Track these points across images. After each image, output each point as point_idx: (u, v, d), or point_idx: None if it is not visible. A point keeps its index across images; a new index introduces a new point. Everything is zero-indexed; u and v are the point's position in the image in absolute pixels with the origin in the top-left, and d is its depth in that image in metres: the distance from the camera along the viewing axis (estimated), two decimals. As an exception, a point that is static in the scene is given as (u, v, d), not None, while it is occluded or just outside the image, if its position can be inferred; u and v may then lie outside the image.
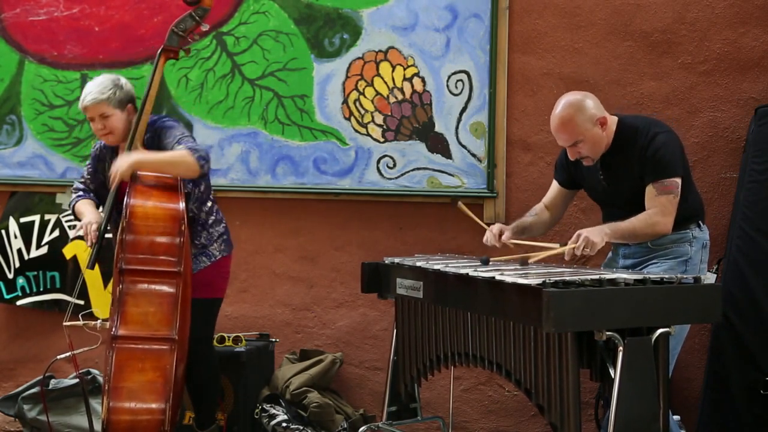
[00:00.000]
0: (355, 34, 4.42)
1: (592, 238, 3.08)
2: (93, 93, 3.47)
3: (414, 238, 4.41)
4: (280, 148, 4.48)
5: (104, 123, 3.49)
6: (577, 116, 3.23)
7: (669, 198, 3.17)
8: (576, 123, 3.23)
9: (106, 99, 3.47)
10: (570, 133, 3.25)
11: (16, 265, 4.69)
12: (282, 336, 4.51)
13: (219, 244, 3.63)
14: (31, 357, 4.68)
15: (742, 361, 3.77)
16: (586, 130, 3.23)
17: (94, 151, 3.71)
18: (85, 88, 3.53)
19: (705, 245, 3.32)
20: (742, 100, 4.14)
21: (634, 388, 2.52)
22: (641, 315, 2.57)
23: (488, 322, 2.87)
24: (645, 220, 3.17)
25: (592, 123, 3.24)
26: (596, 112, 3.26)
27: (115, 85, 3.52)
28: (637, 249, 3.33)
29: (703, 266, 3.31)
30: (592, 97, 3.30)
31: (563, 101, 3.28)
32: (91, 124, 3.54)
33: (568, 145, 3.29)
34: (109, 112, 3.48)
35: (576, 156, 3.31)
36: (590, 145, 3.26)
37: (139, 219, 3.31)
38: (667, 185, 3.17)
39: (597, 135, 3.25)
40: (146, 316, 3.24)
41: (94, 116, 3.49)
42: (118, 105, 3.50)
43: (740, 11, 4.13)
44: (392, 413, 3.58)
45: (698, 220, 3.32)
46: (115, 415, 3.14)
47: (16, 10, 4.69)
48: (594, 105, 3.27)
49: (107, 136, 3.53)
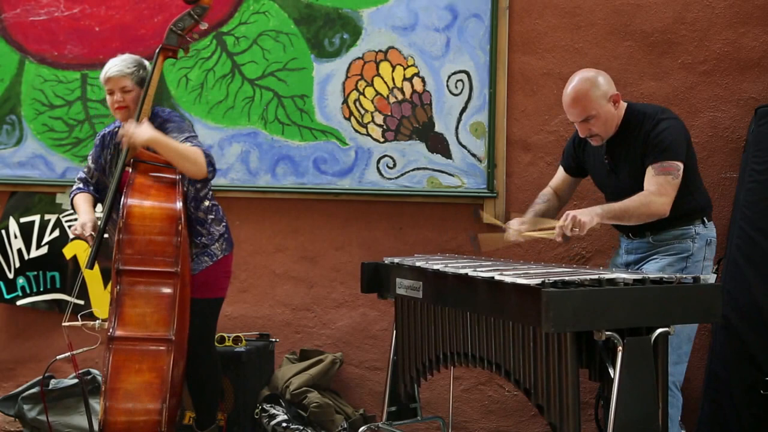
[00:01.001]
0: (355, 34, 4.42)
1: (581, 218, 3.05)
2: (119, 65, 3.53)
3: (414, 238, 4.41)
4: (280, 148, 4.48)
5: (123, 96, 3.52)
6: (592, 91, 3.23)
7: (667, 179, 3.13)
8: (590, 97, 3.22)
9: (131, 74, 3.52)
10: (583, 107, 3.24)
11: (16, 265, 4.69)
12: (282, 336, 4.51)
13: (220, 244, 3.63)
14: (31, 357, 4.68)
15: (742, 361, 3.77)
16: (600, 105, 3.23)
17: (99, 138, 3.73)
18: (109, 62, 3.57)
19: (709, 242, 3.29)
20: (742, 100, 4.13)
21: (634, 388, 2.52)
22: (640, 315, 2.57)
23: (488, 322, 2.87)
24: (639, 200, 3.13)
25: (605, 99, 3.24)
26: (610, 89, 3.27)
27: (139, 64, 3.58)
28: (639, 244, 3.32)
29: (707, 264, 3.28)
30: (605, 75, 3.31)
31: (578, 76, 3.28)
32: (108, 98, 3.56)
33: (580, 119, 3.27)
34: (129, 86, 3.52)
35: (586, 133, 3.30)
36: (602, 122, 3.26)
37: (136, 219, 3.31)
38: (666, 166, 3.14)
39: (609, 112, 3.26)
40: (143, 316, 3.24)
41: (114, 89, 3.52)
42: (139, 82, 3.54)
43: (740, 11, 4.13)
44: (392, 413, 3.58)
45: (703, 217, 3.29)
46: (112, 415, 3.15)
47: (17, 10, 4.69)
48: (607, 82, 3.28)
49: (122, 110, 3.54)
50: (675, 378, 3.21)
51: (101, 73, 3.56)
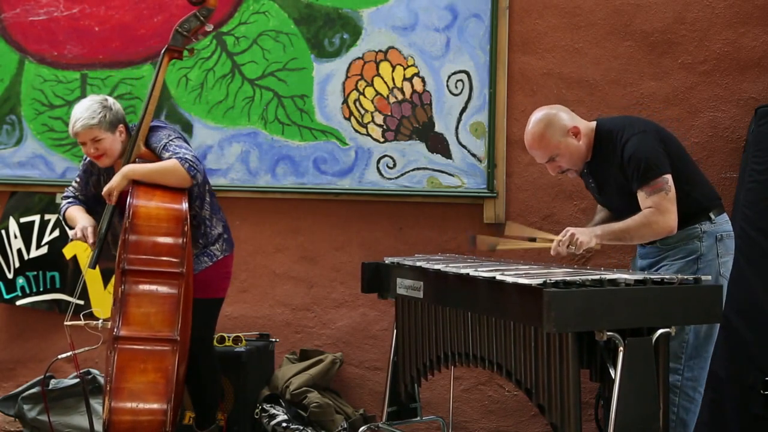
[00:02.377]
0: (355, 34, 4.42)
1: (579, 237, 3.05)
2: (83, 118, 3.41)
3: (414, 238, 4.41)
4: (280, 148, 4.48)
5: (96, 146, 3.45)
6: (548, 131, 3.18)
7: (661, 195, 3.08)
8: (548, 138, 3.18)
9: (97, 123, 3.42)
10: (544, 148, 3.20)
11: (16, 265, 4.68)
12: (282, 336, 4.51)
13: (220, 244, 3.63)
14: (31, 357, 4.68)
15: (742, 361, 3.77)
16: (559, 143, 3.18)
17: (84, 164, 3.69)
18: (73, 113, 3.46)
19: (720, 238, 3.18)
20: (742, 100, 4.14)
21: (635, 388, 2.52)
22: (642, 315, 2.57)
23: (488, 322, 2.87)
24: (640, 221, 3.10)
25: (564, 135, 3.18)
26: (567, 123, 3.19)
27: (104, 107, 3.46)
28: (651, 249, 3.28)
29: (723, 260, 3.17)
30: (562, 109, 3.25)
31: (532, 118, 3.23)
32: (83, 149, 3.50)
33: (544, 161, 3.24)
34: (101, 135, 3.43)
35: (556, 171, 3.27)
36: (567, 158, 3.22)
37: (142, 219, 3.31)
38: (653, 185, 3.08)
39: (572, 146, 3.20)
40: (148, 316, 3.24)
41: (86, 141, 3.45)
42: (109, 128, 3.45)
43: (740, 11, 4.14)
44: (392, 413, 3.58)
45: (708, 213, 3.20)
46: (117, 415, 3.14)
47: (17, 10, 4.69)
48: (565, 116, 3.21)
49: (101, 159, 3.49)
50: (696, 383, 3.15)
51: (69, 126, 3.46)
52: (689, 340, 3.12)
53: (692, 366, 3.13)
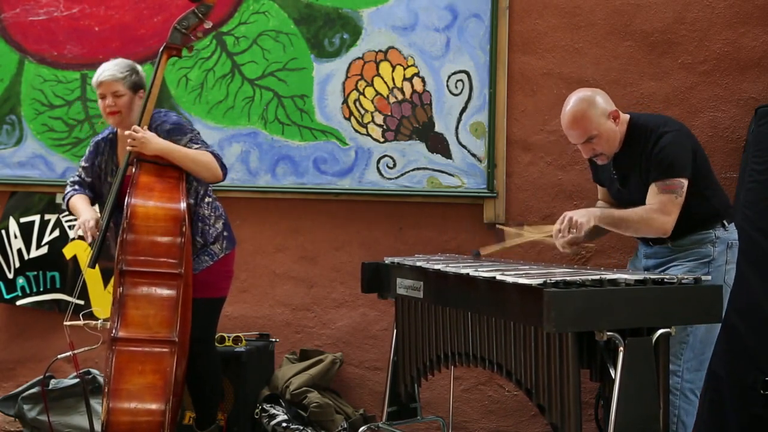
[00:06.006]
0: (355, 34, 4.42)
1: (578, 218, 3.04)
2: (111, 69, 3.51)
3: (414, 238, 4.41)
4: (280, 148, 4.48)
5: (115, 101, 3.50)
6: (590, 110, 3.16)
7: (670, 197, 3.09)
8: (589, 118, 3.16)
9: (122, 78, 3.50)
10: (583, 128, 3.17)
11: (16, 265, 4.68)
12: (282, 336, 4.51)
13: (221, 243, 3.62)
14: (31, 357, 4.68)
15: (742, 361, 3.77)
16: (599, 124, 3.17)
17: (93, 144, 3.71)
18: (102, 66, 3.55)
19: (731, 245, 3.21)
20: (742, 100, 4.14)
21: (635, 388, 2.52)
22: (642, 315, 2.57)
23: (489, 322, 2.87)
24: (641, 214, 3.11)
25: (605, 117, 3.18)
26: (608, 106, 3.20)
27: (132, 68, 3.56)
28: (658, 249, 3.27)
29: (729, 267, 3.20)
30: (602, 93, 3.25)
31: (574, 97, 3.22)
32: (100, 102, 3.54)
33: (581, 141, 3.21)
34: (122, 91, 3.50)
35: (590, 153, 3.25)
36: (605, 141, 3.20)
37: (140, 219, 3.31)
38: (669, 184, 3.09)
39: (611, 129, 3.19)
40: (147, 318, 3.24)
41: (106, 93, 3.51)
42: (131, 87, 3.53)
43: (740, 11, 4.14)
44: (392, 413, 3.58)
45: (722, 220, 3.21)
46: (115, 416, 3.15)
47: (16, 10, 4.69)
48: (605, 99, 3.22)
49: (114, 115, 3.52)
50: (694, 385, 3.16)
51: (93, 76, 3.55)
52: (688, 343, 3.12)
53: (691, 368, 3.13)
